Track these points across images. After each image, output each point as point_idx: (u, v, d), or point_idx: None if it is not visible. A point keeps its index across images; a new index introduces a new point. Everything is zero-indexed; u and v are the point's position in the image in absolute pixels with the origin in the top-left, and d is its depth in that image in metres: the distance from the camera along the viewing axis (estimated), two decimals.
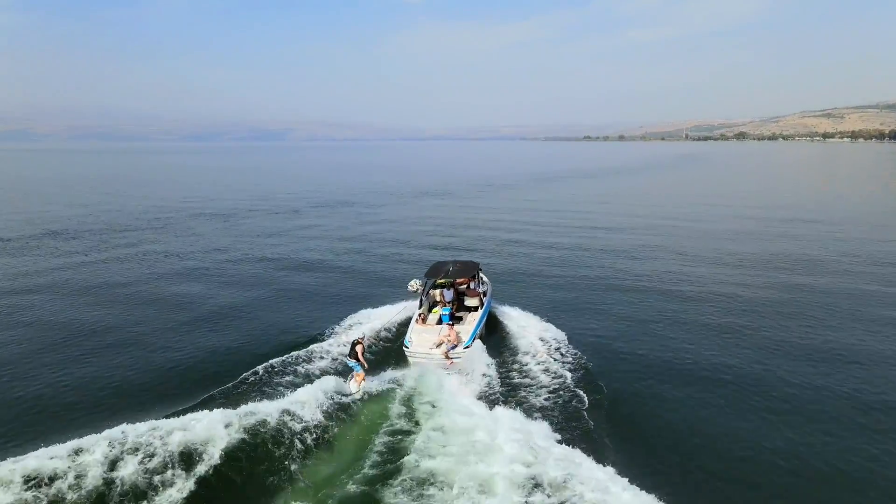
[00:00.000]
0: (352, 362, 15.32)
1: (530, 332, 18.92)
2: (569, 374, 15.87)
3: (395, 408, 13.93)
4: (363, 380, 14.87)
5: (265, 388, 15.10)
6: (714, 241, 37.08)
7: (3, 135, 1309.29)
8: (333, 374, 15.92)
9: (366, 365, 15.20)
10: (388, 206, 57.37)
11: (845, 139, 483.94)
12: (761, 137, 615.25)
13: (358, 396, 14.27)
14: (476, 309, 19.37)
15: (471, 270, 20.35)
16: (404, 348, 16.85)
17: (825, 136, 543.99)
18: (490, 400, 14.32)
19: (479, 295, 19.80)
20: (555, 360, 16.85)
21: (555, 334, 18.66)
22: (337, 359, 16.85)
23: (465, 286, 20.31)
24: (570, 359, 16.95)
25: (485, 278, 21.74)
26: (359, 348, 15.37)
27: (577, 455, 11.61)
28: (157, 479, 10.63)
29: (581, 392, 15.00)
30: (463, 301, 19.82)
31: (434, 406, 13.82)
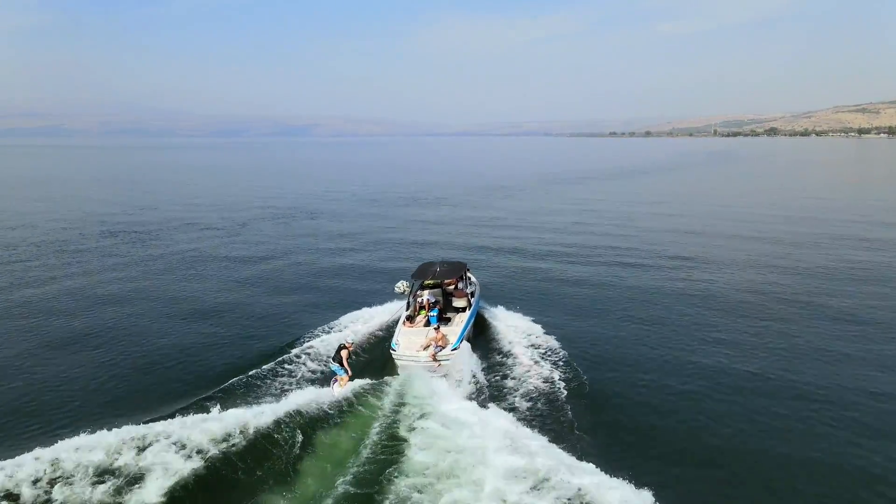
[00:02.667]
0: (335, 366, 15.29)
1: (519, 333, 18.79)
2: (557, 376, 15.78)
3: (382, 411, 13.81)
4: (346, 383, 14.84)
5: (250, 394, 15.02)
6: (726, 244, 36.32)
7: (38, 130, 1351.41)
8: (319, 378, 15.97)
9: (349, 371, 15.16)
10: (379, 206, 55.95)
11: (882, 135, 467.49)
12: (793, 133, 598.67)
13: (341, 400, 14.17)
14: (464, 310, 19.23)
15: (458, 271, 20.17)
16: (391, 351, 16.76)
17: (860, 131, 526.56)
18: (478, 402, 14.20)
19: (466, 296, 19.64)
20: (543, 361, 16.72)
21: (543, 335, 18.50)
22: (322, 364, 16.77)
23: (452, 287, 20.14)
24: (559, 360, 16.83)
25: (473, 278, 21.57)
26: (344, 353, 15.32)
27: (566, 457, 11.56)
28: (145, 482, 10.66)
29: (570, 393, 14.91)
30: (451, 302, 19.64)
31: (421, 409, 13.68)
